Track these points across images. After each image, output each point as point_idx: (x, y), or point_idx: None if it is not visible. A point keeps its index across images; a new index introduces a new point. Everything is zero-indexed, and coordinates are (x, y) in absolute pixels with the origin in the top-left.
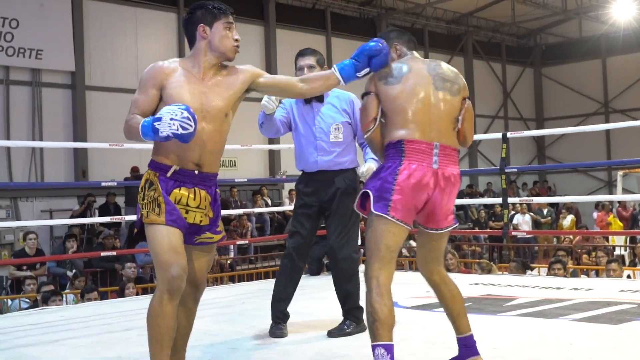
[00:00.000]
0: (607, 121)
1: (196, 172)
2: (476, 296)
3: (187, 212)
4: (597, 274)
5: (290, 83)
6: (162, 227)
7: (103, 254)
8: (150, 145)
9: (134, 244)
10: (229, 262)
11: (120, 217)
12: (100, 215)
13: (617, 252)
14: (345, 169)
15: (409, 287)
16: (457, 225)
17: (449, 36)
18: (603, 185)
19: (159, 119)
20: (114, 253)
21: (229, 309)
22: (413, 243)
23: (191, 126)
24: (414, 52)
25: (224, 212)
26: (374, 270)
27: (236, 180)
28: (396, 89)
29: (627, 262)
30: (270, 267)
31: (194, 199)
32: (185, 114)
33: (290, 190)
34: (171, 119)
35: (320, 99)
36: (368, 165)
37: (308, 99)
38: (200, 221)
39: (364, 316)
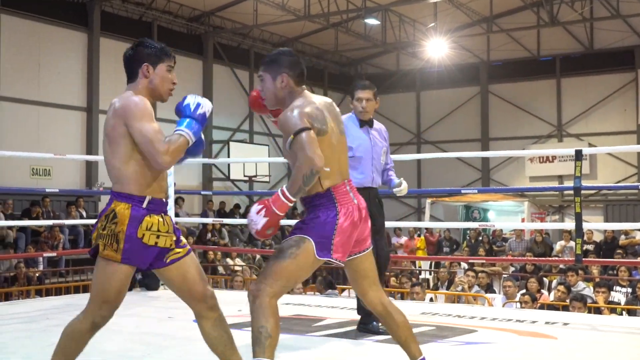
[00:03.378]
0: (418, 151)
1: (164, 199)
2: (286, 316)
3: (158, 237)
4: (403, 297)
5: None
6: (116, 265)
7: None
8: None
9: None
10: (37, 275)
11: None
12: None
13: (422, 275)
14: (375, 187)
15: (222, 306)
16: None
17: None
18: (413, 211)
19: (198, 105)
20: None
21: (31, 325)
22: (230, 261)
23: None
24: (304, 88)
25: (34, 222)
26: (275, 294)
27: (47, 190)
28: (325, 138)
29: (431, 285)
30: (82, 281)
31: (164, 225)
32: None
33: None
34: (197, 97)
35: (370, 124)
36: (405, 184)
37: (363, 122)
38: (169, 244)
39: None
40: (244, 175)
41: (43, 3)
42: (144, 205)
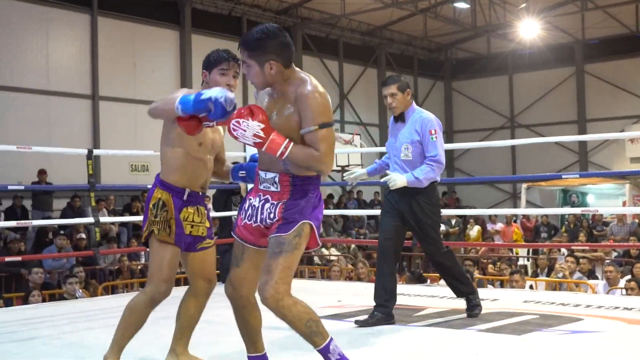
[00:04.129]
0: (512, 135)
1: (200, 193)
2: None
3: (192, 226)
4: (502, 284)
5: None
6: (169, 245)
7: (8, 259)
8: (53, 150)
9: (41, 249)
10: (139, 267)
11: (28, 222)
12: (6, 219)
13: (520, 262)
14: (420, 187)
15: (321, 297)
16: None
17: (363, 47)
18: (508, 197)
19: (207, 91)
20: (19, 258)
21: None
22: (325, 251)
23: (233, 105)
24: (294, 68)
25: (136, 218)
26: (287, 290)
27: (148, 186)
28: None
29: (529, 272)
30: (182, 274)
31: (198, 216)
32: (232, 95)
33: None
34: (221, 90)
35: (402, 119)
36: (396, 177)
37: (396, 118)
38: (202, 233)
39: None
40: (336, 166)
41: (136, 4)
42: (185, 197)
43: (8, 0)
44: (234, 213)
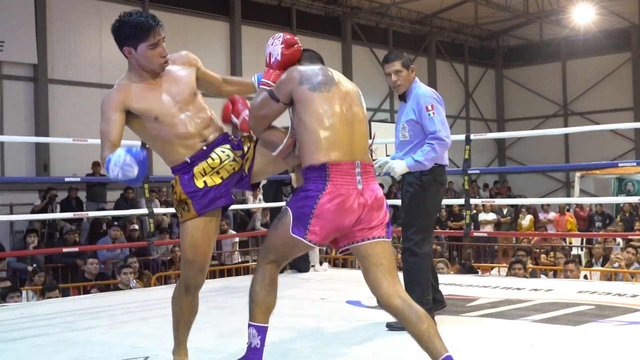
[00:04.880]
0: (565, 123)
1: (204, 147)
2: None
3: (217, 172)
4: (555, 274)
5: (217, 81)
6: (189, 222)
7: (65, 250)
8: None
9: (96, 240)
10: None
11: (83, 213)
12: (62, 210)
13: (574, 252)
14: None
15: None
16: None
17: (413, 36)
18: (561, 185)
19: (109, 160)
20: (76, 249)
21: None
22: None
23: (131, 171)
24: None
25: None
26: (267, 262)
27: None
28: (325, 102)
29: (583, 262)
30: (231, 265)
31: (214, 160)
32: (128, 159)
33: None
34: (114, 165)
35: (403, 98)
36: (395, 164)
37: (400, 97)
38: (234, 168)
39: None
40: (386, 155)
41: None
42: (190, 163)
43: None
44: (284, 204)
